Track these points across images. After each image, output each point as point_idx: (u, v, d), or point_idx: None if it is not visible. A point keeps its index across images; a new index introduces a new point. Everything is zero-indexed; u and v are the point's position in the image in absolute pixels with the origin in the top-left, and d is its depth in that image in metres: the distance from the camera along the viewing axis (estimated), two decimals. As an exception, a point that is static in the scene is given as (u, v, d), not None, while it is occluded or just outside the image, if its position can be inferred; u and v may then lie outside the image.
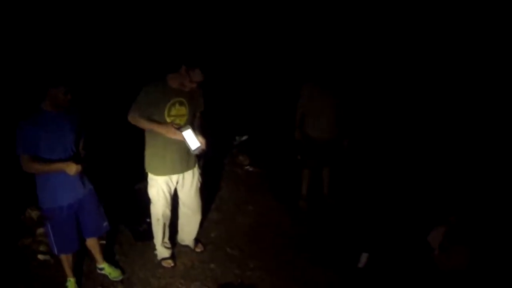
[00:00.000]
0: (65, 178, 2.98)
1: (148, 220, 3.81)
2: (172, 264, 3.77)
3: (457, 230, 3.68)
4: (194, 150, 3.21)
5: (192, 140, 3.20)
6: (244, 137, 6.29)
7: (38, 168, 2.87)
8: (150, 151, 3.45)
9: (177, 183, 3.56)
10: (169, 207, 3.62)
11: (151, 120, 3.24)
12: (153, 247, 3.83)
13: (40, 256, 3.75)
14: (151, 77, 3.31)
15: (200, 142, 3.22)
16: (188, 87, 3.21)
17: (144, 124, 3.26)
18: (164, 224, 3.66)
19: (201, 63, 3.14)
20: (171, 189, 3.56)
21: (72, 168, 2.88)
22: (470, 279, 3.47)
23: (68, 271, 3.40)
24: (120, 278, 3.60)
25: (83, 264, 3.74)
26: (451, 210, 4.09)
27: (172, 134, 3.20)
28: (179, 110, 3.29)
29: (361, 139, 6.01)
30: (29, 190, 3.17)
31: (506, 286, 3.35)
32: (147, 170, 3.51)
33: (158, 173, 3.45)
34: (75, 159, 2.98)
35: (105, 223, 3.41)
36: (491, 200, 4.27)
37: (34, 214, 3.96)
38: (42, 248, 3.82)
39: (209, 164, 4.33)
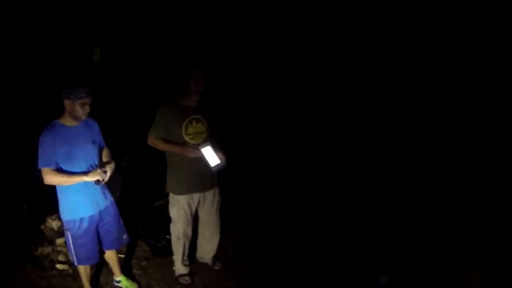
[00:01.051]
0: (87, 190, 2.99)
1: (167, 236, 3.79)
2: (190, 281, 3.71)
3: (475, 250, 3.57)
4: (214, 167, 3.19)
5: (212, 157, 3.18)
6: (265, 159, 6.29)
7: (60, 180, 2.88)
8: (170, 171, 3.46)
9: (198, 202, 3.54)
10: (190, 226, 3.59)
11: (169, 141, 3.26)
12: (171, 263, 3.80)
13: (59, 266, 3.77)
14: (163, 99, 3.36)
15: (220, 159, 3.20)
16: (197, 90, 3.23)
17: (162, 146, 3.30)
18: (184, 243, 3.63)
19: (192, 65, 3.24)
20: (192, 209, 3.53)
21: (96, 174, 2.88)
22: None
23: (85, 282, 3.38)
24: (137, 291, 3.57)
25: (100, 275, 3.73)
26: (468, 228, 3.97)
27: (189, 154, 3.21)
28: (196, 128, 3.29)
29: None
30: (49, 199, 3.18)
31: None
32: (168, 190, 3.51)
33: (178, 192, 3.44)
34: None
35: (125, 236, 3.41)
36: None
37: (54, 224, 3.97)
38: (61, 258, 3.85)
39: (230, 182, 4.32)
